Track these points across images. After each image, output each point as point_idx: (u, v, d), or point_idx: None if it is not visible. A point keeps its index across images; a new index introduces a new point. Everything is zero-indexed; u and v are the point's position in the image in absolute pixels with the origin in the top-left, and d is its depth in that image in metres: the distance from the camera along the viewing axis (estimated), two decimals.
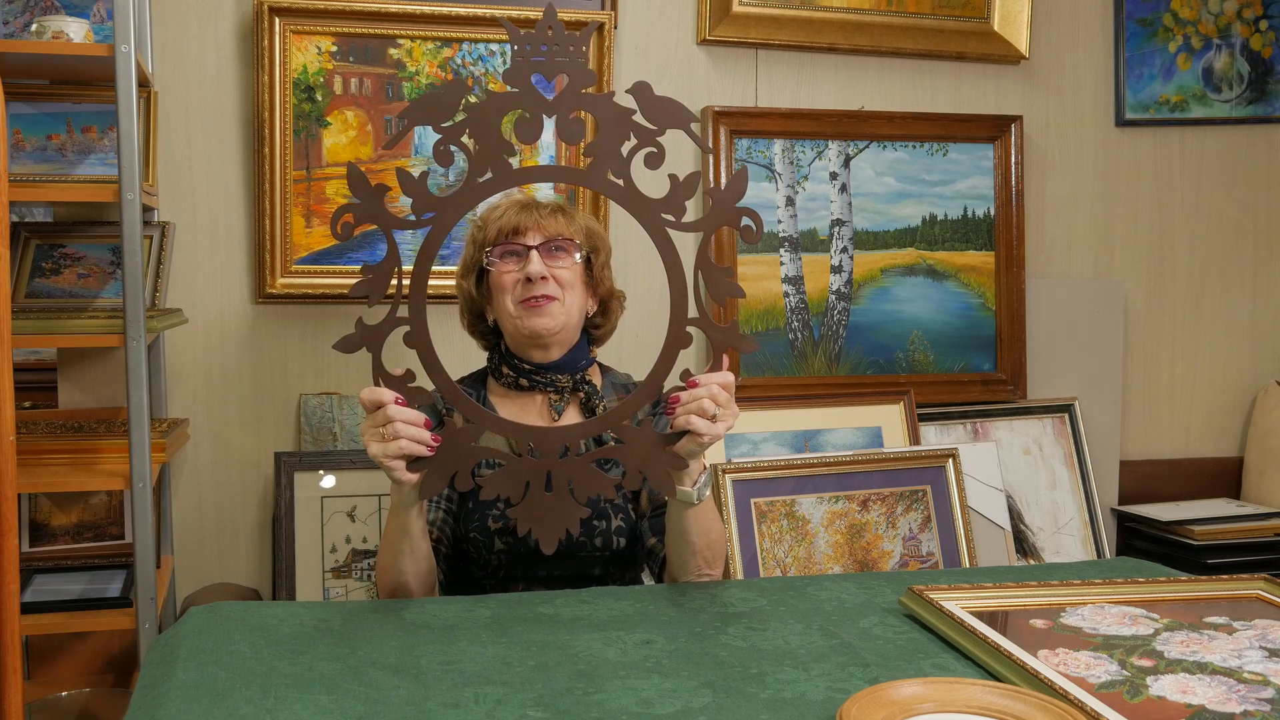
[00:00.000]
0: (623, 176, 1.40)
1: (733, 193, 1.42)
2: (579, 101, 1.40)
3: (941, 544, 2.60)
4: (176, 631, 1.39)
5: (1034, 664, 1.19)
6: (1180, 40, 2.96)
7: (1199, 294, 3.06)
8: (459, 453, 1.41)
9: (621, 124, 1.40)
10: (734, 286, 1.42)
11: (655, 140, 1.39)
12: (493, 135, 1.38)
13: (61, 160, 2.24)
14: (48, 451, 2.12)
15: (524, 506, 1.40)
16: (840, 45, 2.74)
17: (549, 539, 1.41)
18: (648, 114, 1.40)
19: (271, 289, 2.47)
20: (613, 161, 1.40)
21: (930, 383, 2.83)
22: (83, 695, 2.25)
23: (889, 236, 2.82)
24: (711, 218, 1.42)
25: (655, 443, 1.42)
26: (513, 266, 1.71)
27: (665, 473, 1.43)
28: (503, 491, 1.40)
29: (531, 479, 1.40)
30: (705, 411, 1.43)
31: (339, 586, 2.41)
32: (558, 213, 1.74)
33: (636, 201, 1.41)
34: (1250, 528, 2.81)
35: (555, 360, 1.74)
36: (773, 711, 1.13)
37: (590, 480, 1.41)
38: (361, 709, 1.14)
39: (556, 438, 1.41)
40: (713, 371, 1.46)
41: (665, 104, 1.40)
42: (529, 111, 1.39)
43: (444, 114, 1.39)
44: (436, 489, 1.41)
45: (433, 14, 2.48)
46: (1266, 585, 1.49)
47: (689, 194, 1.42)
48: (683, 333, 1.43)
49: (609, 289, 1.83)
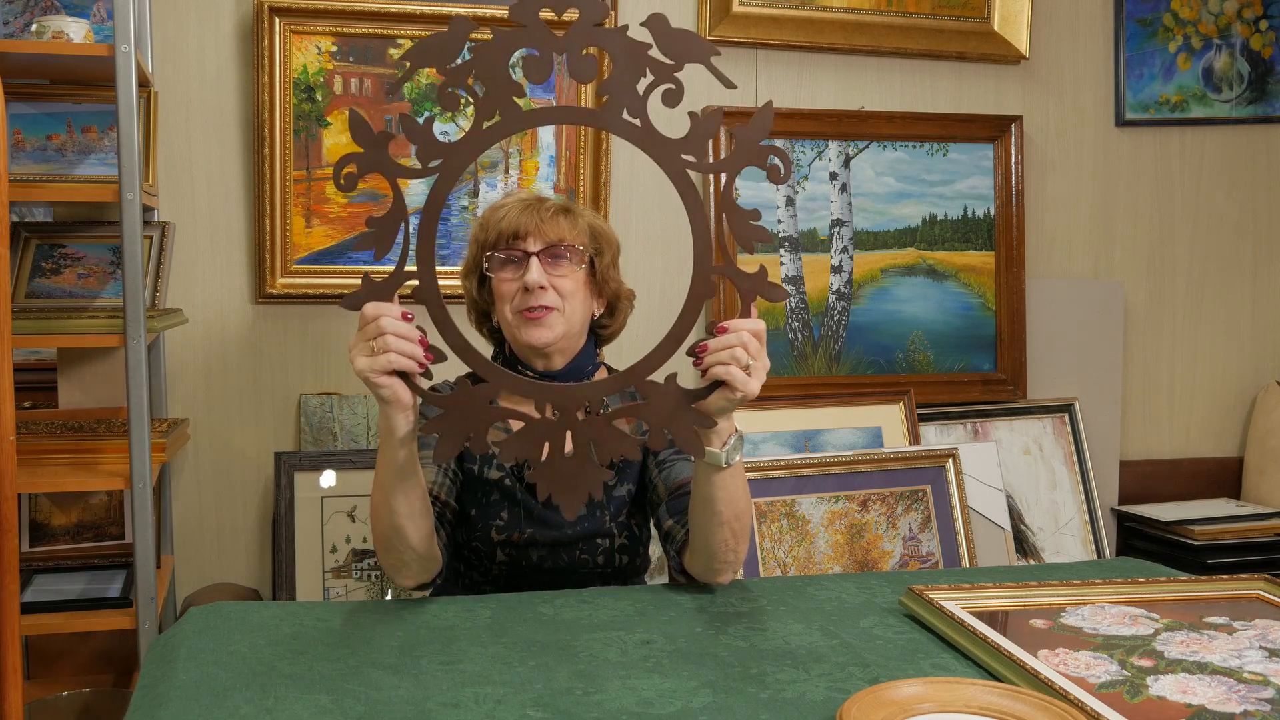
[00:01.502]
0: (639, 115, 1.30)
1: (758, 129, 1.31)
2: (591, 37, 1.30)
3: (941, 544, 2.60)
4: (176, 631, 1.39)
5: (1034, 664, 1.19)
6: (1180, 40, 2.96)
7: (1199, 294, 3.06)
8: (474, 413, 1.31)
9: (637, 60, 1.30)
10: (760, 230, 1.31)
11: (673, 76, 1.30)
12: (500, 76, 1.29)
13: (61, 160, 2.24)
14: (48, 451, 2.12)
15: (544, 469, 1.31)
16: (840, 45, 2.74)
17: (571, 503, 1.32)
18: (664, 48, 1.30)
19: (271, 289, 2.47)
20: (628, 100, 1.30)
21: (930, 383, 2.83)
22: (83, 695, 2.25)
23: (889, 236, 2.82)
24: (735, 157, 1.31)
25: (681, 399, 1.33)
26: (511, 274, 1.65)
27: (692, 432, 1.34)
28: (520, 454, 1.31)
29: (551, 440, 1.31)
30: (739, 360, 1.34)
31: (339, 586, 2.41)
32: (561, 214, 1.67)
33: (654, 142, 1.31)
34: (1250, 528, 2.81)
35: (558, 369, 1.69)
36: (773, 711, 1.13)
37: (613, 440, 1.31)
38: (361, 709, 1.14)
39: (577, 395, 1.33)
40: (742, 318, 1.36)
41: (683, 37, 1.30)
42: (538, 49, 1.30)
43: (448, 55, 1.30)
44: (452, 453, 1.31)
45: (433, 14, 2.48)
46: (1266, 585, 1.49)
47: (710, 132, 1.32)
48: (708, 280, 1.33)
49: (615, 289, 1.76)
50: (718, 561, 1.53)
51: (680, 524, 1.62)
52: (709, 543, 1.51)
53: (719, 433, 1.42)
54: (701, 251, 1.33)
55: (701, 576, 1.56)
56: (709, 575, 1.55)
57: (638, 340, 2.57)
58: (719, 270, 1.33)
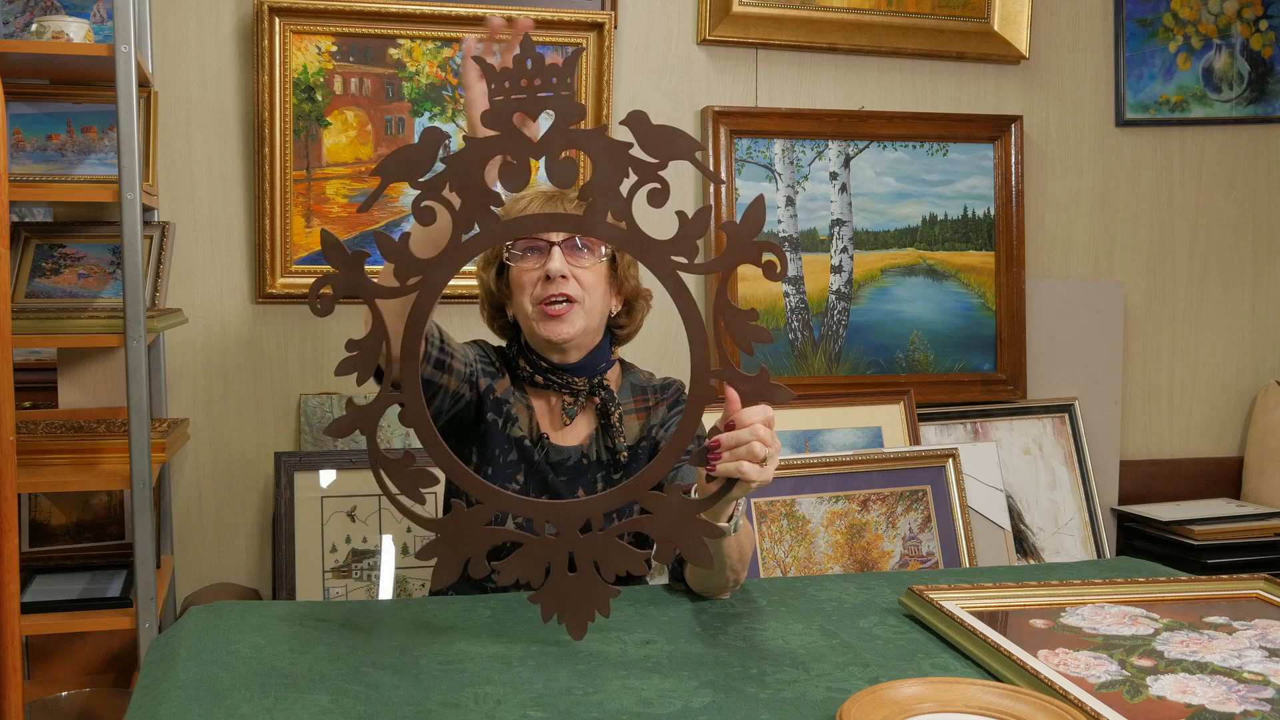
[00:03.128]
0: (625, 218, 1.26)
1: (750, 225, 1.24)
2: (569, 139, 1.25)
3: (941, 544, 2.60)
4: (176, 631, 1.39)
5: (1034, 664, 1.19)
6: (1180, 40, 2.96)
7: (1199, 294, 3.06)
8: (470, 537, 1.27)
9: (618, 160, 1.25)
10: (759, 330, 1.26)
11: (657, 175, 1.25)
12: (476, 186, 1.25)
13: (61, 160, 2.24)
14: (48, 451, 2.12)
15: (547, 591, 1.28)
16: (840, 45, 2.74)
17: (578, 625, 1.29)
18: (646, 146, 1.24)
19: (271, 289, 2.47)
20: (612, 202, 1.25)
21: (930, 383, 2.83)
22: (83, 695, 2.25)
23: (889, 236, 2.82)
24: (728, 256, 1.25)
25: (685, 511, 1.28)
26: (533, 263, 1.65)
27: (700, 543, 1.29)
28: (522, 577, 1.27)
29: (553, 560, 1.28)
30: (755, 456, 1.29)
31: (339, 586, 2.41)
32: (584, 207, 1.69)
33: (642, 245, 1.27)
34: (1250, 528, 2.81)
35: (573, 363, 1.70)
36: (773, 711, 1.13)
37: (618, 556, 1.28)
38: (361, 709, 1.14)
39: (576, 513, 1.28)
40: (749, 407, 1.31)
41: (665, 133, 1.23)
42: (514, 156, 1.25)
43: (421, 168, 1.25)
44: (449, 580, 1.27)
45: (433, 14, 2.48)
46: (1266, 585, 1.49)
47: (700, 231, 1.25)
48: (706, 387, 1.27)
49: (634, 288, 1.76)
50: (718, 588, 1.55)
51: None
52: (713, 581, 1.53)
53: (725, 511, 1.40)
54: (699, 357, 1.27)
55: (702, 593, 1.57)
56: (709, 594, 1.56)
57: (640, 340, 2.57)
58: (718, 375, 1.28)
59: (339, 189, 2.48)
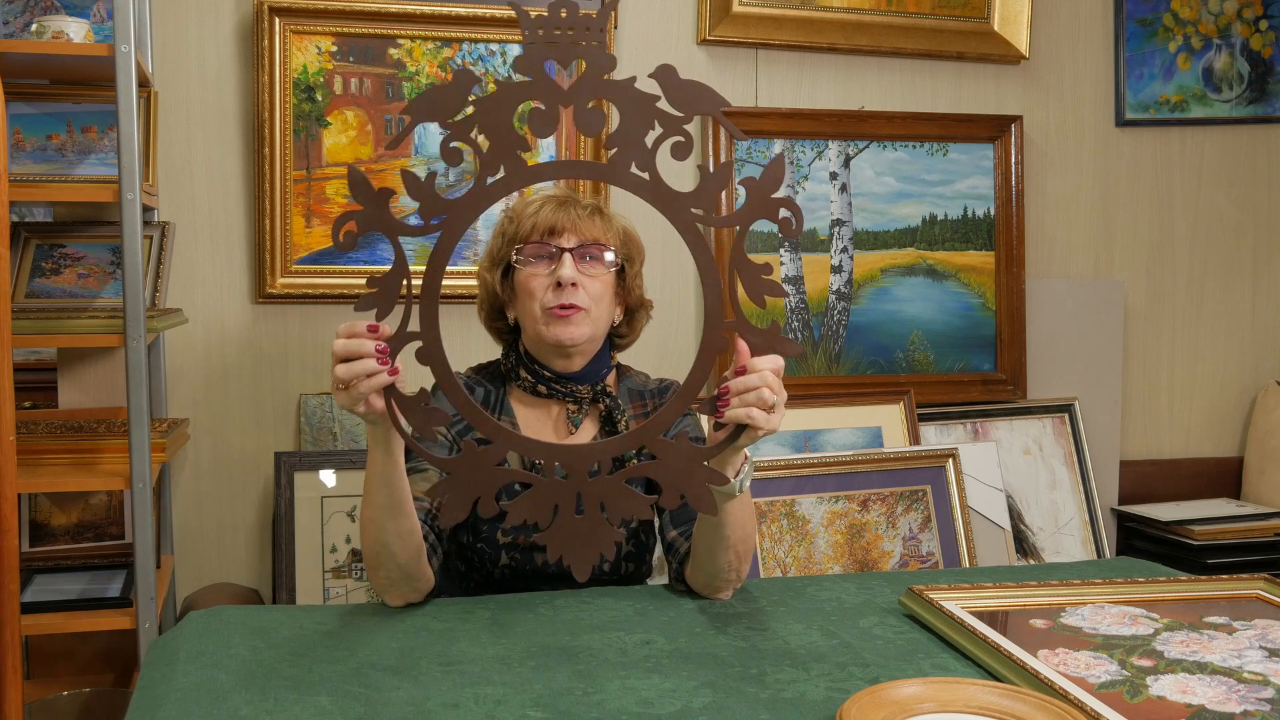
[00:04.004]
0: (648, 169, 1.28)
1: (769, 181, 1.28)
2: (598, 89, 1.27)
3: (941, 544, 2.60)
4: (176, 635, 1.39)
5: (1034, 664, 1.19)
6: (1180, 40, 2.96)
7: (1199, 294, 3.06)
8: (480, 476, 1.29)
9: (645, 112, 1.27)
10: (774, 285, 1.29)
11: (682, 128, 1.27)
12: (504, 129, 1.26)
13: (61, 160, 2.24)
14: (48, 451, 2.12)
15: (554, 531, 1.29)
16: (840, 45, 2.74)
17: (582, 565, 1.30)
18: (673, 99, 1.27)
19: (271, 289, 2.47)
20: (636, 153, 1.27)
21: (930, 383, 2.83)
22: (83, 695, 2.25)
23: (889, 236, 2.82)
24: (747, 211, 1.28)
25: (692, 457, 1.31)
26: (543, 269, 1.63)
27: (705, 489, 1.31)
28: (530, 516, 1.29)
29: (560, 502, 1.29)
30: (765, 402, 1.31)
31: (339, 586, 2.41)
32: (596, 214, 1.66)
33: (664, 196, 1.28)
34: (1250, 528, 2.81)
35: (576, 370, 1.68)
36: (773, 711, 1.13)
37: (624, 500, 1.29)
38: (361, 710, 1.14)
39: (586, 456, 1.30)
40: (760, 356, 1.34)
41: (692, 88, 1.27)
42: (543, 102, 1.27)
43: (450, 109, 1.26)
44: (457, 517, 1.28)
45: (433, 14, 2.48)
46: (1266, 585, 1.49)
47: (721, 185, 1.29)
48: (719, 337, 1.30)
49: (638, 298, 1.76)
50: (719, 580, 1.53)
51: (684, 536, 1.61)
52: (713, 563, 1.52)
53: (733, 463, 1.41)
54: (713, 307, 1.30)
55: (701, 591, 1.56)
56: (709, 591, 1.55)
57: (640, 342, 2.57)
58: (730, 325, 1.31)
59: (339, 189, 2.48)
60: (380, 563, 1.47)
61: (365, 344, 1.30)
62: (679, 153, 1.27)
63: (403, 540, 1.45)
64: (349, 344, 1.30)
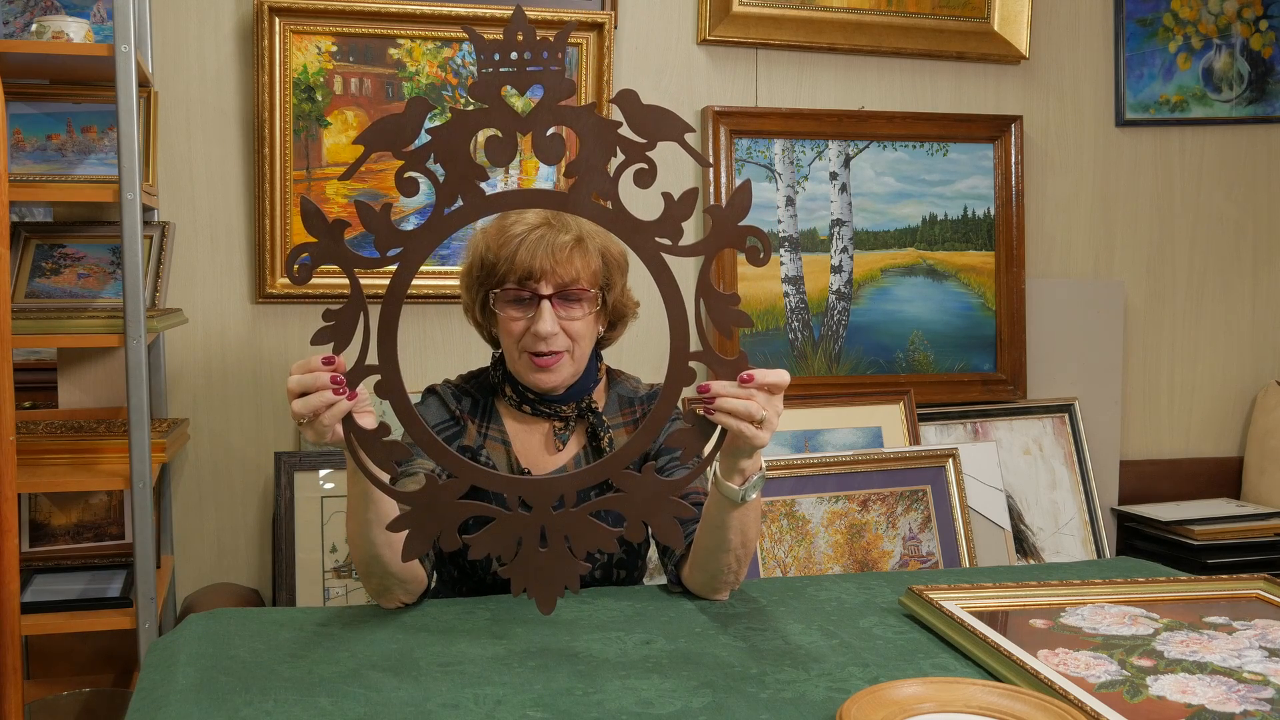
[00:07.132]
0: (610, 198, 1.24)
1: (735, 210, 1.24)
2: (556, 116, 1.23)
3: (941, 544, 2.60)
4: (176, 637, 1.39)
5: (1034, 664, 1.19)
6: (1180, 40, 2.96)
7: (1199, 294, 3.06)
8: (442, 510, 1.26)
9: (606, 138, 1.23)
10: (740, 315, 1.26)
11: (645, 155, 1.23)
12: (462, 158, 1.22)
13: (61, 160, 2.24)
14: (48, 451, 2.12)
15: (517, 564, 1.27)
16: (840, 45, 2.74)
17: (547, 599, 1.28)
18: (635, 125, 1.23)
19: (271, 289, 2.47)
20: (598, 181, 1.23)
21: (930, 383, 2.83)
22: (83, 695, 2.25)
23: (889, 236, 2.82)
24: (713, 240, 1.25)
25: (659, 490, 1.27)
26: (521, 313, 1.59)
27: (672, 522, 1.28)
28: (493, 550, 1.27)
29: (524, 534, 1.27)
30: (752, 416, 1.28)
31: (339, 586, 2.41)
32: (575, 249, 1.59)
33: (627, 225, 1.25)
34: (1250, 528, 2.81)
35: (560, 394, 1.66)
36: (773, 711, 1.13)
37: (589, 534, 1.27)
38: (361, 710, 1.14)
39: (549, 490, 1.28)
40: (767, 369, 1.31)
41: (655, 113, 1.22)
42: (500, 129, 1.23)
43: (405, 138, 1.22)
44: (419, 551, 1.27)
45: (433, 14, 2.48)
46: (1266, 585, 1.49)
47: (686, 214, 1.24)
48: (685, 369, 1.27)
49: (624, 308, 1.73)
50: (718, 581, 1.52)
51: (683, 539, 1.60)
52: (711, 564, 1.50)
53: (742, 470, 1.39)
54: (679, 339, 1.27)
55: (699, 592, 1.55)
56: (706, 592, 1.54)
57: (640, 342, 2.57)
58: (695, 356, 1.28)
59: (339, 189, 2.48)
60: (371, 571, 1.47)
61: (320, 376, 1.27)
62: (642, 180, 1.24)
63: (393, 550, 1.43)
64: (303, 379, 1.27)
